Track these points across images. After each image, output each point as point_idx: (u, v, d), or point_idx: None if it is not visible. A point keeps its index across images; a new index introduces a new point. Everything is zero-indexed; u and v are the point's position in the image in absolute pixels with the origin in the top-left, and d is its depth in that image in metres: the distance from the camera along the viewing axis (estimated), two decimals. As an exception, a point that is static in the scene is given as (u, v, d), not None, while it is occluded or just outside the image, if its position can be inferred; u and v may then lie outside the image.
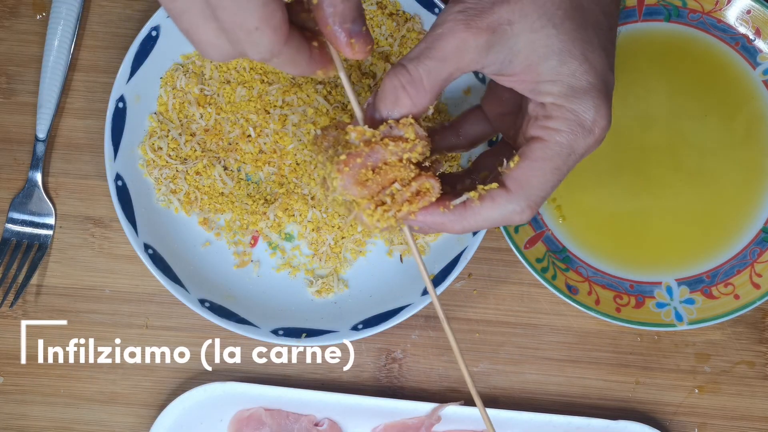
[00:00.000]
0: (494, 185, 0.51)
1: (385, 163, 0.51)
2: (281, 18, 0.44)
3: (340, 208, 0.53)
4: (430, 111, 0.52)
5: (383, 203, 0.51)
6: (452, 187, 0.56)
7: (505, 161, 0.52)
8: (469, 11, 0.48)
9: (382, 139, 0.50)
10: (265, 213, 0.72)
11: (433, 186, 0.51)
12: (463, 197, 0.51)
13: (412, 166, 0.51)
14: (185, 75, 0.72)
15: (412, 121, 0.51)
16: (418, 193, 0.51)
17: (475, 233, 0.69)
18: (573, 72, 0.49)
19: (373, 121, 0.52)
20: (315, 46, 0.47)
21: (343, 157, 0.50)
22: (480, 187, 0.51)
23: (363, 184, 0.50)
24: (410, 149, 0.50)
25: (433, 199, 0.51)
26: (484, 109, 0.60)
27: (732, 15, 0.74)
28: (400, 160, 0.51)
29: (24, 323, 0.73)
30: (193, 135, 0.73)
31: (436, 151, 0.58)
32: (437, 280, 0.69)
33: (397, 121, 0.51)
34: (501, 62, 0.50)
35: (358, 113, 0.52)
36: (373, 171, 0.50)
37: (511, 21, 0.48)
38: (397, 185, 0.51)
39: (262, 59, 0.45)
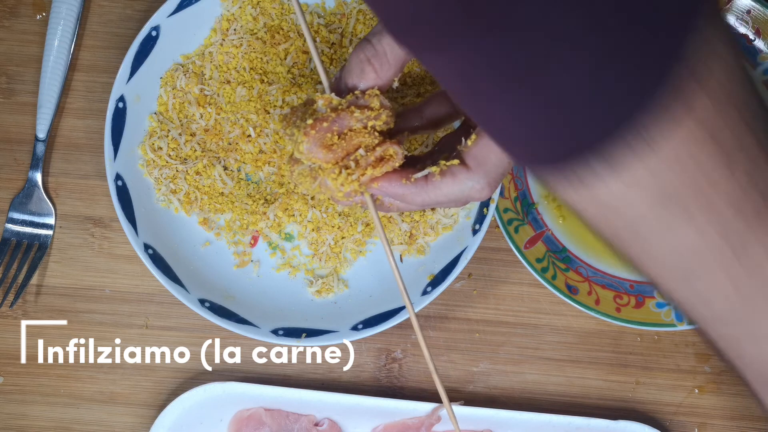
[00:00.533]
0: (455, 162, 0.53)
1: (351, 130, 0.52)
2: None
3: (305, 180, 0.55)
4: (395, 84, 0.54)
5: (347, 167, 0.53)
6: (414, 166, 0.58)
7: (463, 140, 0.53)
8: None
9: (348, 107, 0.52)
10: (265, 213, 0.72)
11: (396, 152, 0.53)
12: (425, 171, 0.53)
13: (377, 134, 0.53)
14: (185, 75, 0.72)
15: (378, 92, 0.53)
16: (381, 159, 0.53)
17: (475, 232, 0.69)
18: None
19: (340, 94, 0.54)
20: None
21: (309, 121, 0.52)
22: (441, 162, 0.53)
23: (328, 148, 0.52)
24: (375, 117, 0.52)
25: (397, 165, 0.53)
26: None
27: (732, 15, 0.74)
28: (365, 128, 0.53)
29: (24, 323, 0.73)
30: (193, 135, 0.73)
31: (400, 132, 0.59)
32: (437, 280, 0.69)
33: (363, 92, 0.53)
34: None
35: (325, 82, 0.54)
36: (339, 137, 0.52)
37: None
38: (361, 151, 0.53)
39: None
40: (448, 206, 0.56)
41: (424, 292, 0.69)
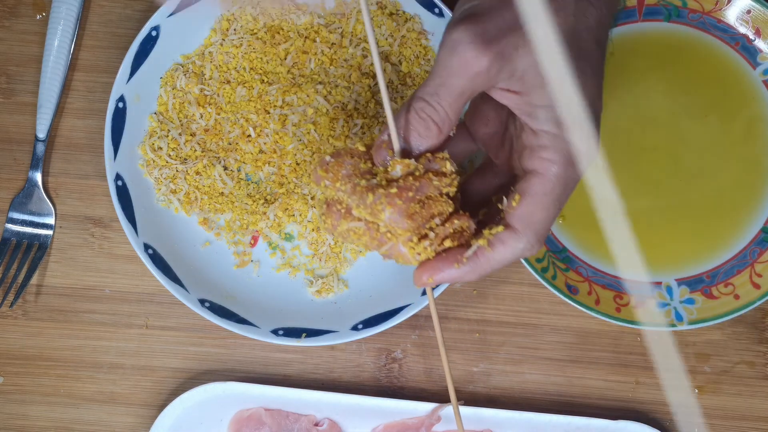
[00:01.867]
0: (500, 228, 0.52)
1: (428, 198, 0.51)
2: None
3: (360, 238, 0.53)
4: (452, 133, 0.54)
5: (426, 236, 0.52)
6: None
7: (504, 199, 0.53)
8: (479, 40, 0.49)
9: (425, 173, 0.52)
10: (265, 213, 0.72)
11: (470, 226, 0.53)
12: (473, 248, 0.52)
13: (450, 201, 0.52)
14: (185, 75, 0.72)
15: (448, 156, 0.52)
16: (455, 232, 0.53)
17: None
18: None
19: (408, 154, 0.53)
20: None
21: (394, 189, 0.51)
22: (486, 232, 0.52)
23: (411, 216, 0.51)
24: (448, 184, 0.52)
25: (468, 239, 0.53)
26: (468, 128, 0.60)
27: (732, 15, 0.74)
28: (440, 195, 0.52)
29: (24, 323, 0.73)
30: (193, 135, 0.73)
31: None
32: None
33: (433, 154, 0.52)
34: (505, 80, 0.50)
35: (397, 146, 0.52)
36: (419, 204, 0.51)
37: (516, 46, 0.49)
38: (437, 220, 0.52)
39: None
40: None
41: (425, 292, 0.69)
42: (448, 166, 0.52)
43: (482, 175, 0.61)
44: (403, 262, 0.53)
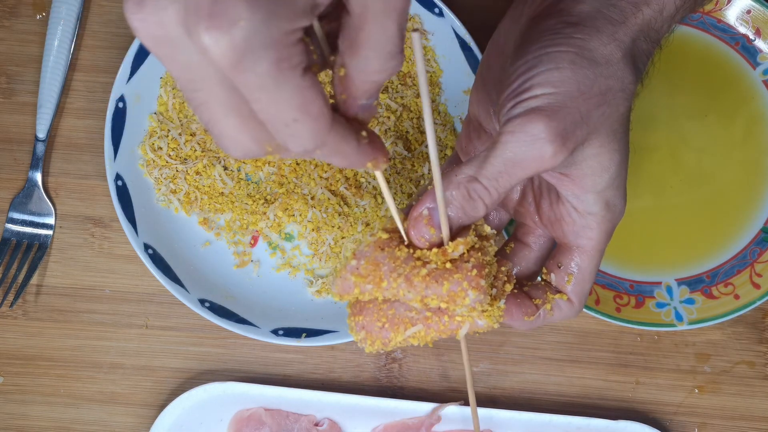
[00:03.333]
0: (563, 296, 0.54)
1: (488, 264, 0.50)
2: (321, 105, 0.39)
3: (424, 337, 0.50)
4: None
5: (495, 298, 0.51)
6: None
7: (553, 276, 0.54)
8: (559, 139, 0.47)
9: (482, 243, 0.50)
10: (265, 213, 0.72)
11: (510, 269, 0.54)
12: (541, 313, 0.54)
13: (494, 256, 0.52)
14: (185, 75, 0.72)
15: (482, 221, 0.51)
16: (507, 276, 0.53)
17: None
18: (620, 184, 0.52)
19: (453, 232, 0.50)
20: (363, 136, 0.43)
21: (474, 271, 0.47)
22: (550, 296, 0.54)
23: (488, 289, 0.49)
24: (492, 244, 0.51)
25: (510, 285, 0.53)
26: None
27: (732, 15, 0.74)
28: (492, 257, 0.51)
29: (24, 323, 0.73)
30: (193, 135, 0.73)
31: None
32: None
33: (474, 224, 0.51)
34: (562, 167, 0.50)
35: (446, 231, 0.49)
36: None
37: (585, 139, 0.49)
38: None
39: (304, 151, 0.40)
40: None
41: (424, 292, 0.69)
42: (488, 230, 0.51)
43: (521, 249, 0.59)
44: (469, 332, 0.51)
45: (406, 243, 0.49)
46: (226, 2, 0.33)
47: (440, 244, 0.48)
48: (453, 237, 0.49)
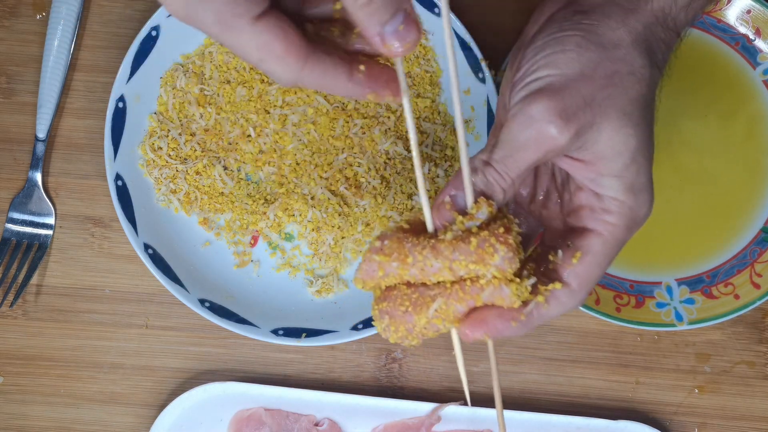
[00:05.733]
0: (558, 285, 0.50)
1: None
2: (283, 45, 0.42)
3: (429, 331, 0.50)
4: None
5: (521, 276, 0.50)
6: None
7: (560, 253, 0.51)
8: (561, 118, 0.48)
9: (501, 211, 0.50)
10: (265, 213, 0.72)
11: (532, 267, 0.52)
12: (531, 305, 0.50)
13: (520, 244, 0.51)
14: (185, 75, 0.72)
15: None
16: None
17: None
18: (638, 169, 0.50)
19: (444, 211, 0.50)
20: (360, 69, 0.45)
21: (502, 229, 0.48)
22: (542, 288, 0.51)
23: (517, 252, 0.49)
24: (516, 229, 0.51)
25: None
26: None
27: (732, 15, 0.74)
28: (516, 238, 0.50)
29: (24, 323, 0.73)
30: (193, 135, 0.73)
31: None
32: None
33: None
34: (574, 151, 0.50)
35: (470, 199, 0.49)
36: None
37: (593, 122, 0.48)
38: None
39: (287, 85, 0.44)
40: None
41: (424, 292, 0.69)
42: (512, 219, 0.50)
43: (546, 253, 0.57)
44: (480, 331, 0.49)
45: (429, 233, 0.49)
46: None
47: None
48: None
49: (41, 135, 0.73)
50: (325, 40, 0.46)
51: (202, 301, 0.70)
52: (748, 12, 0.73)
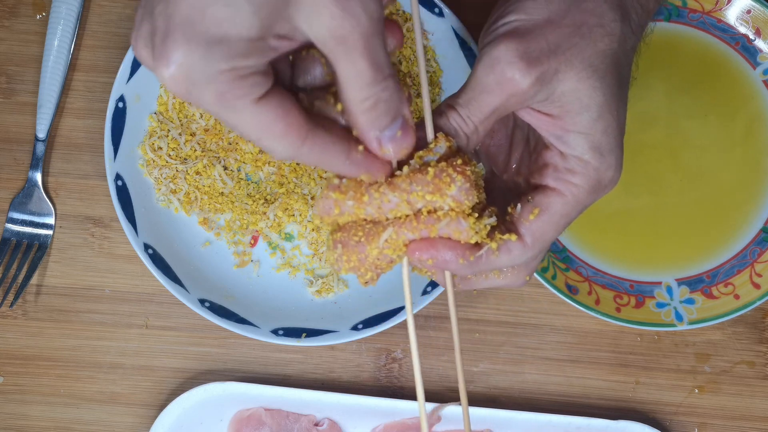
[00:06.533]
0: (513, 237, 0.50)
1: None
2: (283, 125, 0.43)
3: (382, 262, 0.50)
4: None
5: (481, 215, 0.50)
6: None
7: (518, 207, 0.51)
8: (522, 60, 0.48)
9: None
10: (265, 213, 0.72)
11: (495, 210, 0.51)
12: (485, 248, 0.50)
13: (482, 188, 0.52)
14: (185, 75, 0.72)
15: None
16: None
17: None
18: (605, 128, 0.49)
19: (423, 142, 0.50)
20: (359, 150, 0.46)
21: (459, 161, 0.48)
22: (498, 236, 0.50)
23: (476, 190, 0.49)
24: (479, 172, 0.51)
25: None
26: None
27: (732, 15, 0.74)
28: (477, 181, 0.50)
29: (24, 323, 0.73)
30: (193, 135, 0.73)
31: None
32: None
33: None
34: (540, 103, 0.50)
35: (431, 135, 0.50)
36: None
37: (558, 70, 0.48)
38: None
39: (282, 160, 0.45)
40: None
41: (424, 292, 0.69)
42: (473, 164, 0.49)
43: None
44: (433, 267, 0.49)
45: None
46: (167, 47, 0.40)
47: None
48: None
49: (41, 135, 0.73)
50: (321, 112, 0.46)
51: (202, 301, 0.70)
52: (748, 12, 0.73)
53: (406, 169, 0.48)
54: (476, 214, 0.48)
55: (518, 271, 0.54)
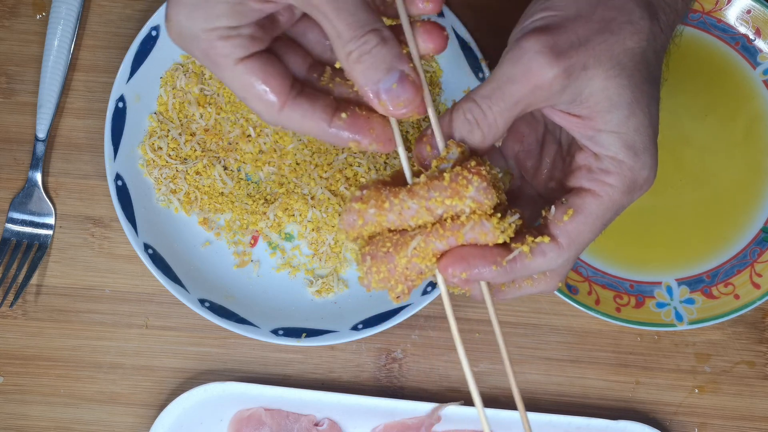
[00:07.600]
0: (546, 239, 0.49)
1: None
2: (263, 88, 0.46)
3: (411, 272, 0.49)
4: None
5: (504, 214, 0.49)
6: None
7: (553, 209, 0.50)
8: (548, 51, 0.47)
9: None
10: (265, 213, 0.72)
11: (521, 221, 0.51)
12: (516, 252, 0.49)
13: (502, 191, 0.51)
14: (185, 75, 0.73)
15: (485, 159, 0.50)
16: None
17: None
18: (637, 127, 0.48)
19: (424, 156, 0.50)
20: (342, 117, 0.47)
21: (473, 162, 0.48)
22: (530, 239, 0.49)
23: (495, 190, 0.49)
24: (498, 176, 0.51)
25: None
26: (500, 148, 0.57)
27: (732, 15, 0.74)
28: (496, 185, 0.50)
29: (24, 323, 0.73)
30: (193, 135, 0.73)
31: None
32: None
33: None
34: (567, 104, 0.49)
35: (441, 144, 0.49)
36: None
37: (586, 65, 0.47)
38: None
39: (270, 124, 0.48)
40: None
41: (424, 292, 0.69)
42: (488, 165, 0.49)
43: (514, 200, 0.56)
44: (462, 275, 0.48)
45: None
46: (168, 6, 0.48)
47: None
48: None
49: (41, 135, 0.73)
50: (314, 84, 0.49)
51: (202, 301, 0.70)
52: (748, 12, 0.73)
53: (423, 177, 0.48)
54: (499, 214, 0.48)
55: (550, 276, 0.52)
